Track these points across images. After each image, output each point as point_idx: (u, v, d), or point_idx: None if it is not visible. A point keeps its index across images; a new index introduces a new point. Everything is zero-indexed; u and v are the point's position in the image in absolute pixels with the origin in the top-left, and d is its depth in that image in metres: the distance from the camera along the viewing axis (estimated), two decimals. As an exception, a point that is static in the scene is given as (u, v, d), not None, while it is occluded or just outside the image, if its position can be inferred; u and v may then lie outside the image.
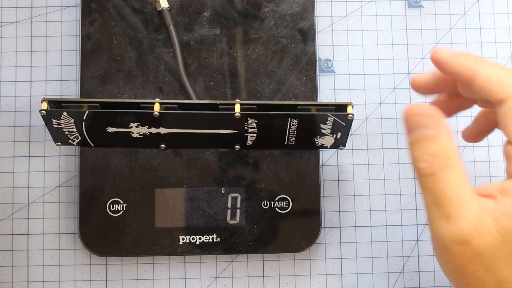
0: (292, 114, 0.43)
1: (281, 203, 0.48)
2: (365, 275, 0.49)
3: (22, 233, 0.48)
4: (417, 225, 0.49)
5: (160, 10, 0.49)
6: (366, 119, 0.50)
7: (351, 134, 0.50)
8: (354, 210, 0.49)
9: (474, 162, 0.50)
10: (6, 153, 0.49)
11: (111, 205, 0.47)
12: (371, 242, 0.49)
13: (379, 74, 0.51)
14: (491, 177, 0.50)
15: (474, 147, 0.50)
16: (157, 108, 0.42)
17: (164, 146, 0.46)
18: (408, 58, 0.51)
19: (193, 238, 0.47)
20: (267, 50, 0.49)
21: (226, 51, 0.49)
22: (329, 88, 0.50)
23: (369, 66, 0.51)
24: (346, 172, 0.50)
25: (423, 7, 0.52)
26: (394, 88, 0.51)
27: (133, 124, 0.43)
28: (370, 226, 0.49)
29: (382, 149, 0.50)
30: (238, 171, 0.48)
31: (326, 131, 0.44)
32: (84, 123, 0.43)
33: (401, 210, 0.49)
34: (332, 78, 0.51)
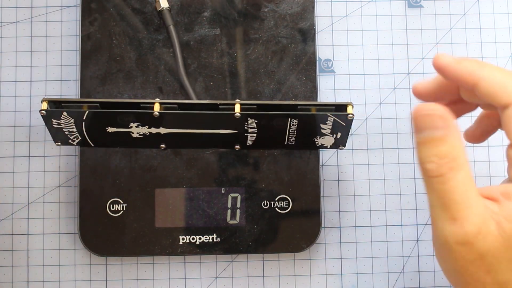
0: (292, 114, 0.43)
1: (281, 203, 0.48)
2: (365, 275, 0.49)
3: (22, 233, 0.48)
4: (417, 225, 0.49)
5: (160, 10, 0.49)
6: (366, 119, 0.50)
7: (351, 134, 0.50)
8: (354, 210, 0.49)
9: (474, 162, 0.50)
10: (6, 153, 0.49)
11: (111, 205, 0.47)
12: (371, 242, 0.49)
13: (379, 74, 0.51)
14: (491, 177, 0.50)
15: (474, 147, 0.50)
16: (157, 108, 0.42)
17: (164, 146, 0.46)
18: (408, 58, 0.51)
19: (193, 238, 0.47)
20: (267, 50, 0.49)
21: (226, 51, 0.49)
22: (329, 88, 0.50)
23: (369, 66, 0.51)
24: (346, 172, 0.50)
25: (423, 7, 0.52)
26: (394, 88, 0.51)
27: (133, 124, 0.43)
28: (370, 226, 0.49)
29: (382, 149, 0.50)
30: (238, 171, 0.48)
31: (326, 131, 0.44)
32: (84, 123, 0.43)
33: (401, 210, 0.49)
34: (332, 78, 0.51)
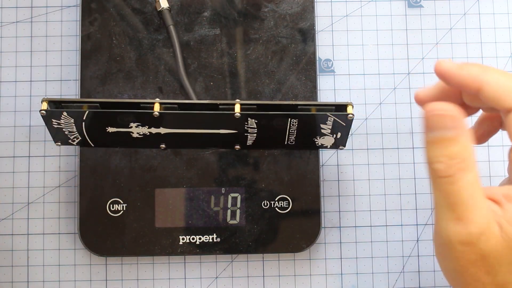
0: (292, 114, 0.43)
1: (281, 203, 0.48)
2: (365, 275, 0.49)
3: (22, 233, 0.48)
4: (417, 225, 0.49)
5: (160, 10, 0.49)
6: (366, 119, 0.50)
7: (351, 134, 0.50)
8: (354, 210, 0.49)
9: (474, 162, 0.50)
10: (6, 153, 0.49)
11: (111, 205, 0.47)
12: (371, 242, 0.49)
13: (379, 74, 0.51)
14: (491, 177, 0.49)
15: (474, 147, 0.50)
16: (157, 108, 0.42)
17: (164, 146, 0.46)
18: (408, 58, 0.51)
19: (193, 238, 0.47)
20: (267, 50, 0.49)
21: (226, 51, 0.49)
22: (329, 88, 0.50)
23: (369, 66, 0.51)
24: (346, 172, 0.50)
25: (423, 7, 0.52)
26: (394, 88, 0.51)
27: (133, 124, 0.43)
28: (370, 226, 0.49)
29: (382, 149, 0.50)
30: (238, 171, 0.48)
31: (326, 131, 0.44)
32: (84, 123, 0.43)
33: (401, 210, 0.49)
34: (332, 78, 0.51)
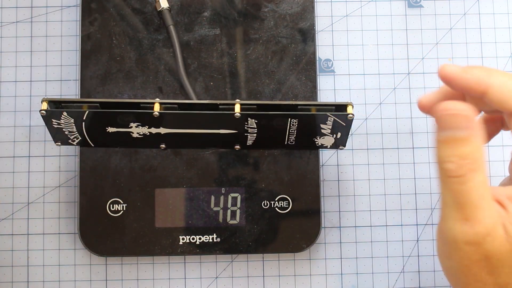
0: (292, 114, 0.43)
1: (281, 203, 0.48)
2: (365, 275, 0.49)
3: (22, 233, 0.48)
4: (417, 225, 0.49)
5: (160, 10, 0.49)
6: (366, 119, 0.50)
7: (351, 134, 0.50)
8: (354, 210, 0.49)
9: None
10: (6, 153, 0.49)
11: (111, 205, 0.47)
12: (371, 242, 0.49)
13: (379, 74, 0.51)
14: (491, 177, 0.49)
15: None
16: (157, 108, 0.42)
17: (164, 146, 0.46)
18: (408, 58, 0.51)
19: (193, 238, 0.47)
20: (267, 50, 0.49)
21: (226, 51, 0.49)
22: (329, 88, 0.50)
23: (369, 66, 0.51)
24: (346, 172, 0.50)
25: (423, 7, 0.52)
26: (394, 88, 0.51)
27: (133, 124, 0.43)
28: (370, 226, 0.49)
29: (382, 149, 0.50)
30: (238, 171, 0.48)
31: (326, 131, 0.44)
32: (84, 123, 0.43)
33: (401, 210, 0.49)
34: (332, 78, 0.51)
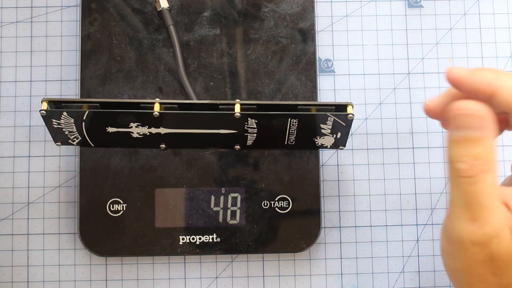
0: (292, 114, 0.43)
1: (281, 203, 0.48)
2: (365, 275, 0.49)
3: (22, 233, 0.48)
4: (417, 225, 0.49)
5: (160, 10, 0.49)
6: (366, 119, 0.50)
7: (351, 134, 0.50)
8: (354, 210, 0.49)
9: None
10: (6, 153, 0.49)
11: (111, 205, 0.47)
12: (371, 242, 0.49)
13: (379, 74, 0.51)
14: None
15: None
16: (157, 108, 0.42)
17: (164, 146, 0.46)
18: (408, 58, 0.51)
19: (193, 238, 0.47)
20: (267, 50, 0.49)
21: (226, 51, 0.49)
22: (329, 88, 0.50)
23: (369, 66, 0.51)
24: (346, 172, 0.50)
25: (423, 7, 0.52)
26: (394, 88, 0.51)
27: (133, 124, 0.43)
28: (370, 226, 0.49)
29: (382, 149, 0.50)
30: (238, 171, 0.48)
31: (326, 131, 0.44)
32: (84, 123, 0.43)
33: (401, 210, 0.49)
34: (332, 78, 0.51)
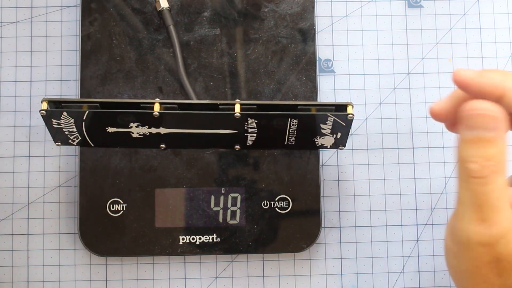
0: (292, 114, 0.43)
1: (281, 203, 0.48)
2: (365, 275, 0.49)
3: (22, 233, 0.48)
4: (417, 225, 0.49)
5: (160, 10, 0.49)
6: (366, 119, 0.50)
7: (351, 134, 0.50)
8: (354, 210, 0.49)
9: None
10: (6, 153, 0.49)
11: (111, 205, 0.47)
12: (371, 242, 0.49)
13: (379, 74, 0.51)
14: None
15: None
16: (157, 108, 0.42)
17: (164, 146, 0.46)
18: (408, 58, 0.51)
19: (193, 238, 0.47)
20: (267, 50, 0.49)
21: (226, 51, 0.49)
22: (329, 88, 0.50)
23: (369, 66, 0.51)
24: (346, 172, 0.50)
25: (423, 7, 0.52)
26: (394, 88, 0.51)
27: (133, 124, 0.43)
28: (370, 226, 0.49)
29: (382, 149, 0.50)
30: (238, 171, 0.48)
31: (326, 131, 0.44)
32: (84, 123, 0.43)
33: (401, 210, 0.49)
34: (332, 78, 0.51)
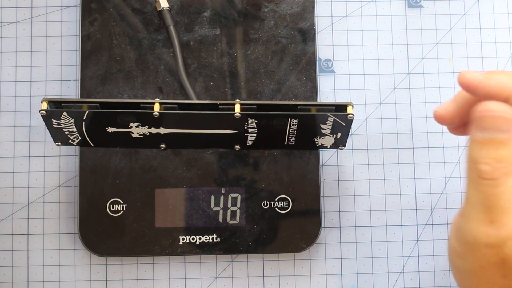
0: (292, 114, 0.43)
1: (281, 203, 0.48)
2: (365, 275, 0.49)
3: (22, 233, 0.48)
4: (417, 225, 0.49)
5: (160, 10, 0.49)
6: (366, 119, 0.50)
7: (351, 134, 0.50)
8: (354, 210, 0.49)
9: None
10: (6, 153, 0.49)
11: (111, 205, 0.47)
12: (371, 242, 0.49)
13: (379, 74, 0.51)
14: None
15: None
16: (157, 108, 0.42)
17: (164, 146, 0.46)
18: (408, 58, 0.51)
19: (193, 238, 0.47)
20: (267, 50, 0.49)
21: (226, 51, 0.49)
22: (329, 88, 0.50)
23: (369, 66, 0.51)
24: (346, 172, 0.50)
25: (423, 7, 0.52)
26: (394, 88, 0.51)
27: (133, 124, 0.43)
28: (370, 226, 0.49)
29: (382, 149, 0.50)
30: (238, 171, 0.48)
31: (326, 131, 0.44)
32: (84, 123, 0.43)
33: (401, 210, 0.49)
34: (332, 78, 0.51)
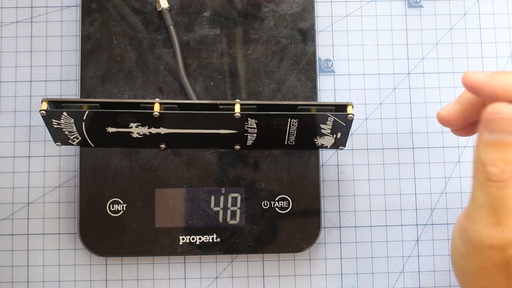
0: (292, 114, 0.43)
1: (281, 203, 0.48)
2: (365, 275, 0.49)
3: (22, 233, 0.48)
4: (417, 225, 0.49)
5: (160, 10, 0.49)
6: (366, 119, 0.50)
7: (351, 134, 0.50)
8: (354, 210, 0.49)
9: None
10: (6, 153, 0.49)
11: (111, 205, 0.47)
12: (371, 242, 0.49)
13: (379, 74, 0.51)
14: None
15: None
16: (157, 108, 0.42)
17: (164, 146, 0.46)
18: (408, 58, 0.51)
19: (193, 238, 0.47)
20: (267, 50, 0.49)
21: (226, 51, 0.49)
22: (329, 88, 0.50)
23: (369, 66, 0.51)
24: (346, 172, 0.50)
25: (423, 7, 0.52)
26: (394, 88, 0.51)
27: (133, 124, 0.43)
28: (370, 226, 0.49)
29: (382, 149, 0.50)
30: (238, 171, 0.48)
31: (326, 131, 0.44)
32: (84, 123, 0.43)
33: (401, 210, 0.49)
34: (332, 78, 0.51)
